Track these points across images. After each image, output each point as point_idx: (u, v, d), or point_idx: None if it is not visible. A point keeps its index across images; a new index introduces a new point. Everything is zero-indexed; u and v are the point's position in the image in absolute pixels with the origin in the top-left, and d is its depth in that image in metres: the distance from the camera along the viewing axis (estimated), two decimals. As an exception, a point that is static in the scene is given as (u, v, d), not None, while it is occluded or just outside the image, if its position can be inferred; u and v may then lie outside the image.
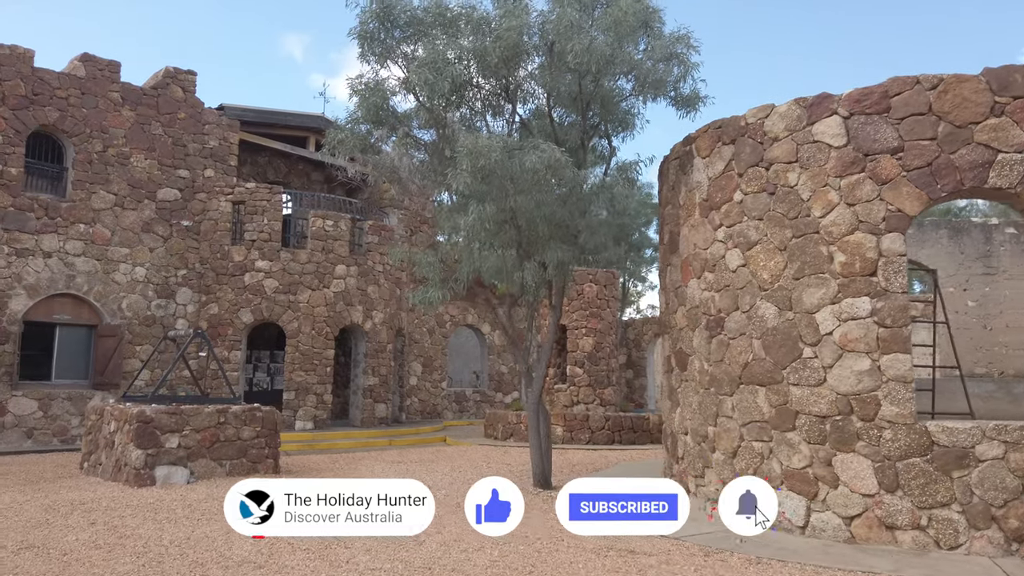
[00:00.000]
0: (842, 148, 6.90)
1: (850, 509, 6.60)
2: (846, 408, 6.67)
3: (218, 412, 10.36)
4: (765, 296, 7.30)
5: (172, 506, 8.24)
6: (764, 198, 7.40)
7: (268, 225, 17.19)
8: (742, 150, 7.63)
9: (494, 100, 9.08)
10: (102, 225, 16.19)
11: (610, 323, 17.73)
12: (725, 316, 7.71)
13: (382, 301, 18.54)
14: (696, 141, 8.26)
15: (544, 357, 9.51)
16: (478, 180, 7.69)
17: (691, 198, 8.32)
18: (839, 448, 6.68)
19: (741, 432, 7.44)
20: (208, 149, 17.97)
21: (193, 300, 17.30)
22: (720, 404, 7.72)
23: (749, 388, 7.39)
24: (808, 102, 7.16)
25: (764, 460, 7.21)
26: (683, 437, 8.46)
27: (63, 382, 15.63)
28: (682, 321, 8.52)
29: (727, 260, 7.73)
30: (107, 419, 10.70)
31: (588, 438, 15.66)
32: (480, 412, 23.47)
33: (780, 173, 7.28)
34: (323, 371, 17.04)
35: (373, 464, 12.22)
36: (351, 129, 8.86)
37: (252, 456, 10.60)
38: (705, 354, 7.98)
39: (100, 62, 16.53)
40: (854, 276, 6.72)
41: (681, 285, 8.55)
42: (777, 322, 7.18)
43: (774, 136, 7.36)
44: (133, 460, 9.63)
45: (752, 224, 7.48)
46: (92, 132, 16.19)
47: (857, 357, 6.63)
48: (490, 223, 8.01)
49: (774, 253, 7.26)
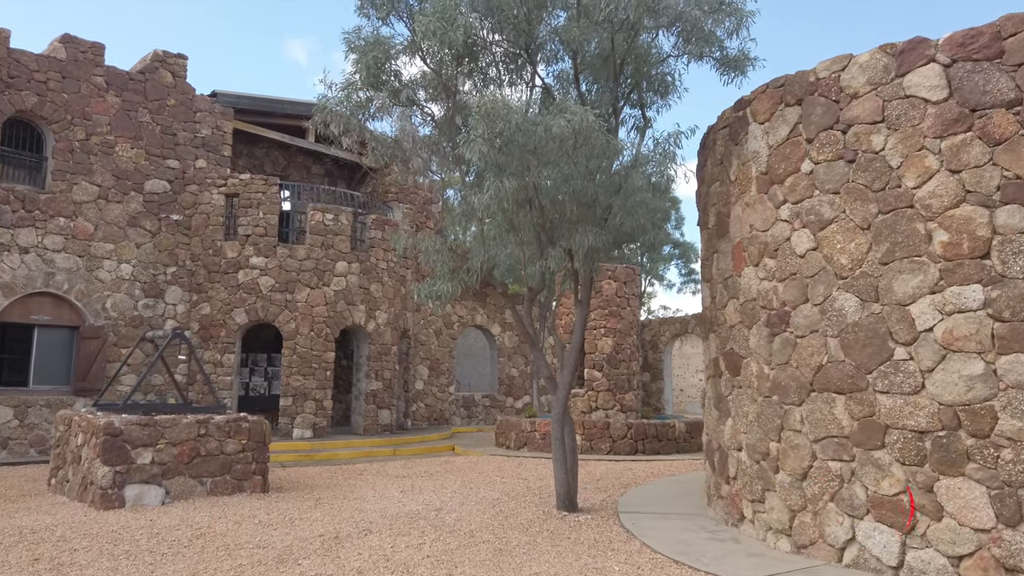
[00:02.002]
0: (942, 103, 5.63)
1: (958, 547, 5.32)
2: (952, 422, 5.40)
3: (198, 423, 9.14)
4: (844, 285, 6.04)
5: (137, 535, 7.01)
6: (841, 167, 6.14)
7: (264, 219, 16.00)
8: (812, 111, 6.37)
9: (512, 62, 7.84)
10: (84, 219, 15.02)
11: (630, 323, 16.47)
12: (791, 310, 6.45)
13: (386, 300, 17.32)
14: (752, 104, 7.01)
15: (570, 360, 8.26)
16: (495, 150, 6.45)
17: (746, 172, 7.07)
18: (943, 471, 5.41)
19: (813, 449, 6.17)
20: (200, 138, 16.79)
21: (183, 299, 16.12)
22: (785, 416, 6.46)
23: (823, 396, 6.12)
24: (897, 49, 5.90)
25: (844, 484, 5.94)
26: (735, 453, 7.20)
27: (42, 388, 14.46)
28: (734, 317, 7.26)
29: (793, 243, 6.47)
30: (74, 430, 9.50)
31: (609, 447, 14.40)
32: (490, 418, 22.24)
33: (861, 136, 6.02)
34: (323, 375, 15.82)
35: (375, 479, 10.99)
36: (347, 96, 7.63)
37: (237, 472, 9.38)
38: (765, 356, 6.72)
39: (82, 44, 15.38)
40: (960, 259, 5.45)
41: (733, 275, 7.30)
42: (860, 316, 5.92)
43: (853, 92, 6.11)
44: (99, 478, 8.42)
45: (825, 199, 6.22)
46: (74, 119, 15.04)
47: (966, 359, 5.36)
48: (509, 202, 6.77)
49: (855, 233, 6.00)
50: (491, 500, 9.01)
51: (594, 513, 8.15)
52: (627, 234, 7.46)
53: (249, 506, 8.57)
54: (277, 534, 7.13)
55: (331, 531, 7.25)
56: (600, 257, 7.70)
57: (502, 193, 6.66)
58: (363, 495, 9.44)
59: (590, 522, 7.68)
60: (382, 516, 7.99)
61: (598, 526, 7.51)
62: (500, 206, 6.88)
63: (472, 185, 7.77)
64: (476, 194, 6.95)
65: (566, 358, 8.34)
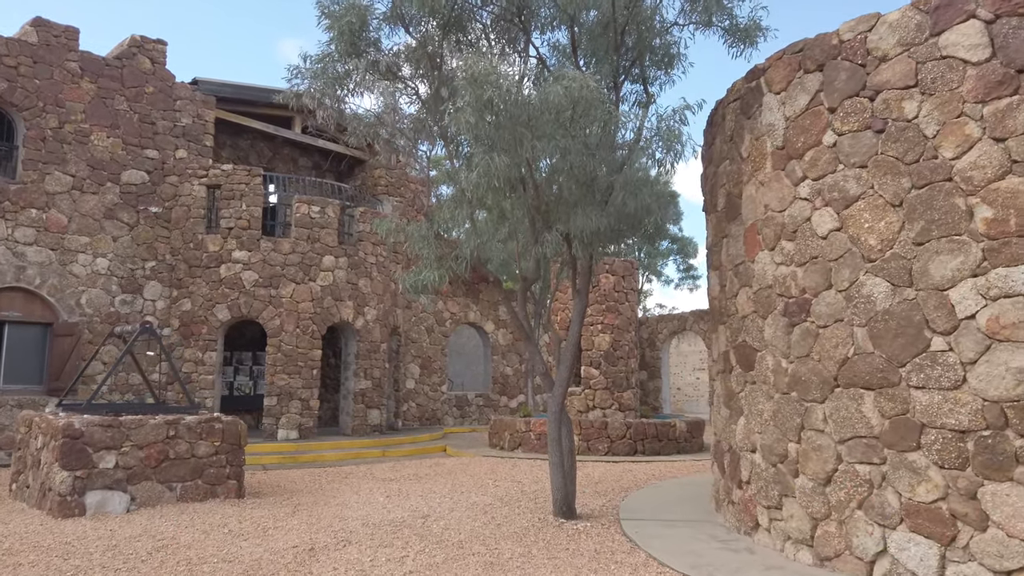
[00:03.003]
0: (984, 63, 5.03)
1: (1007, 561, 4.72)
2: (998, 420, 4.80)
3: (167, 424, 8.49)
4: (872, 269, 5.43)
5: (91, 548, 6.37)
6: (868, 138, 5.53)
7: (247, 211, 15.33)
8: (835, 77, 5.76)
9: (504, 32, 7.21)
10: (57, 210, 14.32)
11: (629, 318, 15.86)
12: (812, 297, 5.84)
13: (375, 296, 16.68)
14: (767, 72, 6.40)
15: (568, 356, 7.64)
16: (484, 120, 5.82)
17: (759, 147, 6.46)
18: (989, 475, 4.81)
19: (838, 451, 5.57)
20: (180, 127, 16.10)
21: (163, 295, 15.44)
22: (806, 414, 5.85)
23: (850, 392, 5.52)
24: (931, 5, 5.30)
25: (874, 490, 5.34)
26: (749, 455, 6.59)
27: (12, 387, 13.76)
28: (746, 306, 6.65)
29: (814, 223, 5.86)
30: (34, 432, 8.84)
31: (607, 448, 13.78)
32: (483, 418, 21.60)
33: (892, 103, 5.42)
34: (309, 374, 15.17)
35: (360, 483, 10.35)
36: (323, 68, 6.99)
37: (210, 477, 8.73)
38: (782, 348, 6.11)
39: (55, 28, 14.68)
40: (1007, 237, 4.85)
41: (745, 260, 6.68)
42: (891, 303, 5.31)
43: (882, 55, 5.50)
44: (57, 484, 7.76)
45: (851, 173, 5.61)
46: (46, 106, 14.34)
47: (1014, 349, 4.76)
48: (500, 180, 6.14)
49: (885, 210, 5.40)
50: (483, 506, 8.39)
51: (593, 520, 7.53)
52: (630, 216, 6.84)
53: (221, 513, 7.93)
54: (247, 545, 6.50)
55: (306, 542, 6.61)
56: (601, 242, 7.08)
57: (492, 170, 6.03)
58: (346, 500, 8.80)
59: (589, 530, 7.06)
60: (364, 524, 7.36)
61: (598, 535, 6.89)
62: (490, 184, 6.24)
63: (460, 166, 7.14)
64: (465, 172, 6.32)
65: (563, 354, 7.72)
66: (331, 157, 20.64)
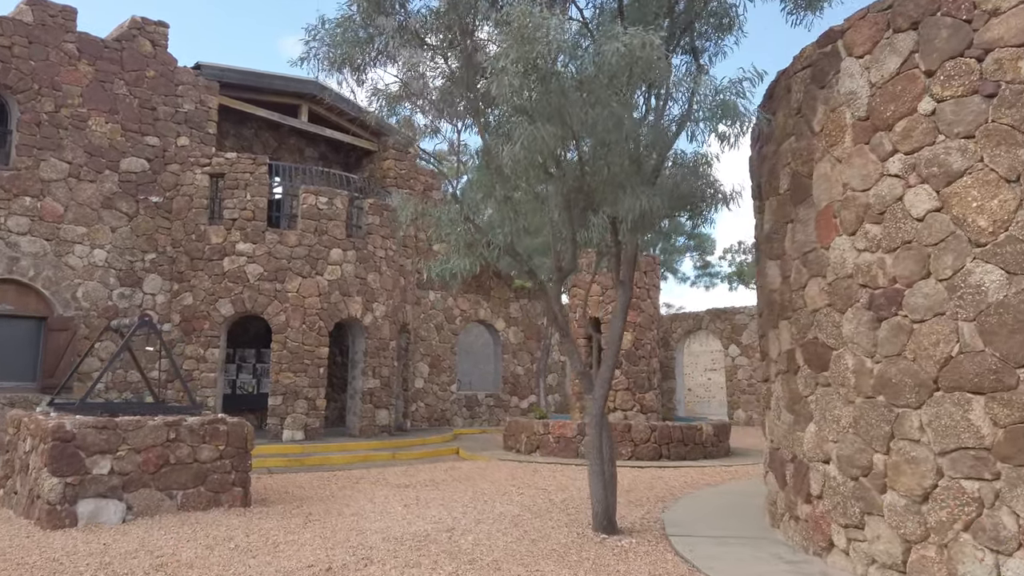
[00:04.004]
0: (1124, 13, 4.32)
1: None
2: None
3: (167, 426, 7.77)
4: (982, 254, 4.71)
5: (81, 567, 5.65)
6: (976, 104, 4.81)
7: (252, 202, 14.61)
8: (934, 35, 5.04)
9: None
10: (53, 199, 13.62)
11: (651, 316, 15.15)
12: (904, 288, 5.12)
13: (384, 292, 15.95)
14: (846, 35, 5.68)
15: (611, 353, 6.90)
16: (529, 84, 5.10)
17: (837, 119, 5.73)
18: None
19: (938, 464, 4.85)
20: (182, 113, 15.39)
21: (163, 289, 14.73)
22: (897, 421, 5.12)
23: (953, 397, 4.80)
24: (1056, -52, 4.58)
25: (985, 510, 4.61)
26: (821, 466, 5.86)
27: (5, 384, 13.06)
28: (818, 299, 5.93)
29: (907, 203, 5.14)
30: (23, 434, 8.13)
31: (631, 452, 13.05)
32: (493, 418, 20.89)
33: (1005, 63, 4.70)
34: (315, 372, 14.45)
35: (374, 489, 9.63)
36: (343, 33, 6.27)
37: (213, 483, 8.01)
38: (866, 346, 5.38)
39: (52, 7, 13.97)
40: None
41: (817, 247, 5.96)
42: (1006, 294, 4.59)
43: (992, 8, 4.78)
44: (46, 492, 7.04)
45: (954, 145, 4.89)
46: (41, 89, 13.63)
47: None
48: (545, 154, 5.42)
49: (998, 187, 4.67)
50: (511, 517, 7.68)
51: (637, 535, 6.81)
52: (682, 198, 6.12)
53: (226, 525, 7.21)
54: (256, 564, 5.78)
55: (322, 560, 5.89)
56: (651, 226, 6.35)
57: (537, 142, 5.31)
58: (360, 510, 8.08)
59: (637, 548, 6.34)
60: (384, 539, 6.64)
61: (647, 554, 6.17)
62: (532, 160, 5.52)
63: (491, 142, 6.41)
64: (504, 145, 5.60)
65: (606, 351, 6.98)
66: (339, 147, 19.92)
